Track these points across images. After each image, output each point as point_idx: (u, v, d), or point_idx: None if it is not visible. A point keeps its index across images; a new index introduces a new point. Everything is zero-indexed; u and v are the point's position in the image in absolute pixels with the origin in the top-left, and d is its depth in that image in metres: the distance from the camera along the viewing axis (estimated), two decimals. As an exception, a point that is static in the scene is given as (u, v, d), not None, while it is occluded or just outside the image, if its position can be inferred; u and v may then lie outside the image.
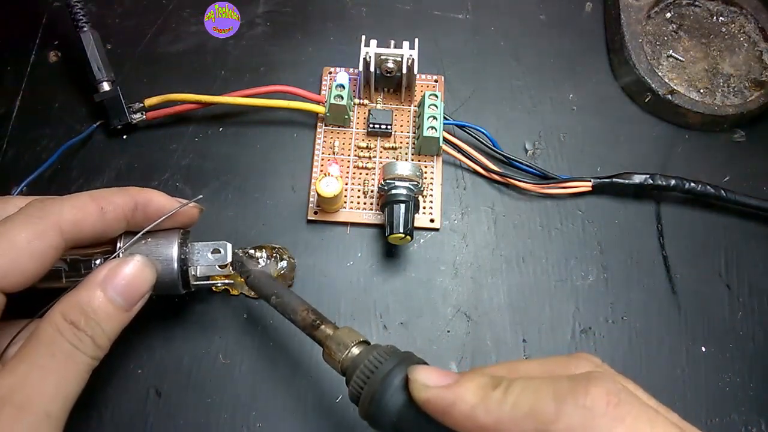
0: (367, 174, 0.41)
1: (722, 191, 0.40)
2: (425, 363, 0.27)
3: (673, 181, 0.40)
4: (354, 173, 0.41)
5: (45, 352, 0.26)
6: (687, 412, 0.37)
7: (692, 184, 0.40)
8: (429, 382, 0.24)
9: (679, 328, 0.39)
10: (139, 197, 0.31)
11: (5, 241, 0.27)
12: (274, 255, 0.38)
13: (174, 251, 0.32)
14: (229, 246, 0.34)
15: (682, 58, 0.45)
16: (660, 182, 0.40)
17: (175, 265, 0.32)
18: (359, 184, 0.41)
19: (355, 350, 0.28)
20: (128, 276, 0.29)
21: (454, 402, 0.23)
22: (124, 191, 0.31)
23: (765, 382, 0.37)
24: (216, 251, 0.33)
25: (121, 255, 0.30)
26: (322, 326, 0.30)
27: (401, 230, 0.36)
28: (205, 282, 0.34)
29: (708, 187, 0.40)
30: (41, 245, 0.27)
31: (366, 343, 0.29)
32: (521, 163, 0.42)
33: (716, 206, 0.41)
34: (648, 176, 0.41)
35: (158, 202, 0.31)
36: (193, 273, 0.33)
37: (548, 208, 0.41)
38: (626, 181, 0.41)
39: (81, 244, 0.29)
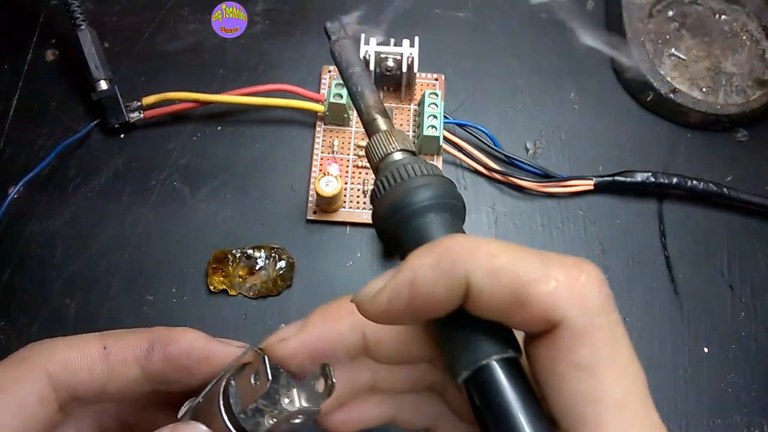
0: (366, 173, 0.41)
1: (725, 189, 0.40)
2: (462, 205, 0.22)
3: (675, 179, 0.40)
4: (353, 173, 0.41)
5: None
6: (689, 412, 0.36)
7: (694, 182, 0.40)
8: (376, 286, 0.19)
9: (681, 328, 0.38)
10: (155, 335, 0.23)
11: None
12: (273, 255, 0.38)
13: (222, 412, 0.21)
14: (266, 361, 0.21)
15: (684, 57, 0.45)
16: (662, 180, 0.40)
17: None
18: (359, 183, 0.41)
19: (398, 155, 0.23)
20: None
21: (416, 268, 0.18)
22: (139, 330, 0.23)
23: (767, 383, 0.37)
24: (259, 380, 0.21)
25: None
26: (380, 119, 0.25)
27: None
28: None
29: (710, 185, 0.40)
30: (19, 395, 0.21)
31: (413, 153, 0.24)
32: (522, 163, 0.41)
33: (719, 205, 0.41)
34: (650, 174, 0.40)
35: (186, 342, 0.23)
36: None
37: (549, 208, 0.41)
38: (628, 180, 0.40)
39: (89, 398, 0.23)
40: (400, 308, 0.18)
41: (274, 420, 0.21)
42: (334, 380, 0.21)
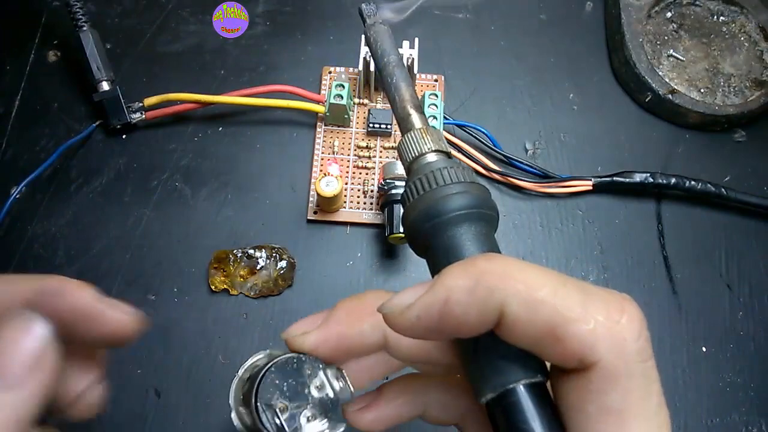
0: (367, 174, 0.41)
1: (722, 189, 0.40)
2: (496, 215, 0.21)
3: (673, 180, 0.40)
4: (354, 173, 0.41)
5: None
6: (687, 412, 0.37)
7: (692, 183, 0.40)
8: (407, 299, 0.18)
9: (679, 328, 0.38)
10: (45, 286, 0.20)
11: None
12: (274, 255, 0.38)
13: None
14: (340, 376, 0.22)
15: (682, 58, 0.45)
16: (660, 181, 0.40)
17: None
18: (359, 183, 0.41)
19: (432, 156, 0.22)
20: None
21: (448, 296, 0.18)
22: (31, 277, 0.20)
23: (766, 382, 0.37)
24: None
25: None
26: (415, 115, 0.24)
27: (401, 230, 0.36)
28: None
29: (708, 185, 0.40)
30: None
31: (447, 155, 0.23)
32: (521, 163, 0.41)
33: (717, 205, 0.41)
34: (648, 175, 0.41)
35: (76, 299, 0.20)
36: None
37: (548, 208, 0.41)
38: (627, 180, 0.41)
39: None
40: (429, 327, 0.18)
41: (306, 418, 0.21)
42: (351, 389, 0.21)
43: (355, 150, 0.42)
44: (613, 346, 0.17)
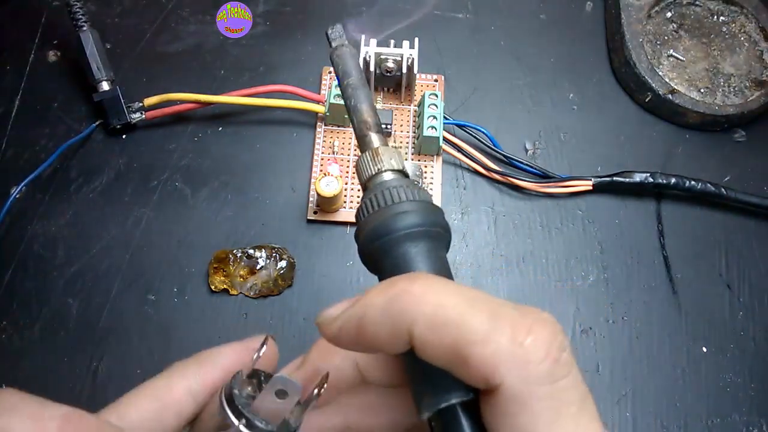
0: (366, 174, 0.41)
1: (722, 189, 0.40)
2: (447, 234, 0.21)
3: (673, 180, 0.40)
4: (354, 173, 0.41)
5: None
6: (687, 412, 0.37)
7: (692, 182, 0.40)
8: (334, 312, 0.19)
9: (679, 328, 0.38)
10: (205, 379, 0.23)
11: None
12: (274, 255, 0.38)
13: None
14: (296, 383, 0.21)
15: (682, 58, 0.45)
16: (660, 180, 0.40)
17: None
18: (359, 183, 0.41)
19: (387, 175, 0.23)
20: None
21: (364, 314, 0.18)
22: (173, 379, 0.23)
23: (765, 382, 0.37)
24: (281, 393, 0.21)
25: None
26: (372, 135, 0.24)
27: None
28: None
29: (708, 185, 0.40)
30: None
31: (403, 174, 0.23)
32: (521, 163, 0.41)
33: (717, 205, 0.41)
34: (648, 175, 0.41)
35: (226, 359, 0.23)
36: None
37: (548, 208, 0.41)
38: (627, 180, 0.41)
39: None
40: (350, 340, 0.19)
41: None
42: (321, 391, 0.21)
43: (355, 150, 0.42)
44: (514, 368, 0.16)
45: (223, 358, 0.24)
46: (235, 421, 0.21)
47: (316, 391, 0.21)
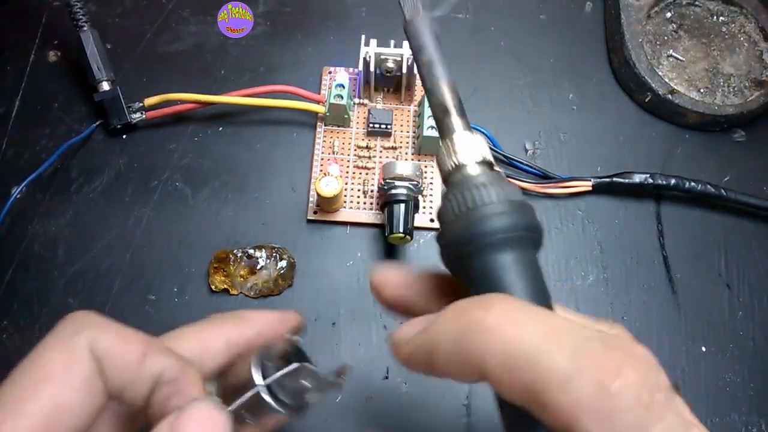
0: (366, 174, 0.41)
1: (722, 190, 0.40)
2: (539, 236, 0.20)
3: (673, 181, 0.40)
4: (354, 173, 0.41)
5: None
6: (687, 412, 0.37)
7: (692, 183, 0.40)
8: (407, 334, 0.18)
9: (679, 327, 0.38)
10: (244, 333, 0.24)
11: (40, 375, 0.20)
12: (274, 255, 0.38)
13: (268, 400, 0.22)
14: (322, 377, 0.23)
15: (682, 58, 0.45)
16: (660, 181, 0.40)
17: (268, 399, 0.22)
18: (359, 183, 0.41)
19: (474, 169, 0.21)
20: (197, 420, 0.20)
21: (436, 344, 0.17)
22: (215, 328, 0.24)
23: (765, 382, 0.37)
24: (307, 379, 0.23)
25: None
26: (454, 118, 0.22)
27: (401, 230, 0.36)
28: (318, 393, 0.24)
29: (708, 186, 0.40)
30: (79, 373, 0.20)
31: (489, 165, 0.21)
32: (521, 163, 0.41)
33: (716, 206, 0.41)
34: (648, 175, 0.41)
35: (260, 323, 0.25)
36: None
37: (548, 208, 0.41)
38: (626, 181, 0.41)
39: (112, 391, 0.21)
40: (421, 366, 0.18)
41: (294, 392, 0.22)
42: (343, 382, 0.22)
43: (355, 150, 0.42)
44: (599, 419, 0.15)
45: (259, 321, 0.25)
46: (260, 380, 0.22)
47: (340, 381, 0.22)
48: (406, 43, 0.41)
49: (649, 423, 0.15)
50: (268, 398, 0.22)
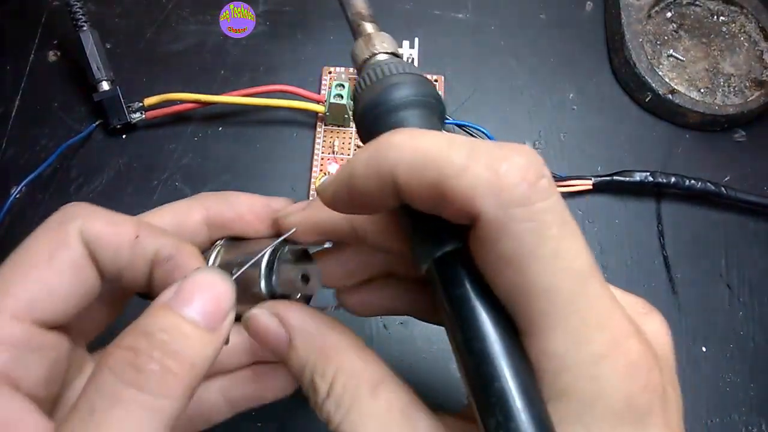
0: (366, 173, 0.41)
1: (722, 188, 0.40)
2: (439, 104, 0.22)
3: (673, 179, 0.40)
4: (354, 173, 0.41)
5: (85, 409, 0.17)
6: (687, 412, 0.36)
7: (692, 182, 0.40)
8: (329, 178, 0.20)
9: (679, 327, 0.38)
10: (224, 211, 0.25)
11: (26, 261, 0.21)
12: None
13: (262, 271, 0.24)
14: (319, 273, 0.24)
15: (682, 58, 0.45)
16: (660, 180, 0.40)
17: (263, 285, 0.24)
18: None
19: (382, 56, 0.23)
20: (203, 290, 0.20)
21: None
22: (194, 204, 0.25)
23: (765, 382, 0.37)
24: (305, 278, 0.24)
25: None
26: (366, 24, 0.25)
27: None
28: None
29: (708, 184, 0.40)
30: (67, 258, 0.21)
31: (396, 56, 0.24)
32: (521, 163, 0.41)
33: (717, 205, 0.41)
34: (648, 174, 0.41)
35: (243, 205, 0.25)
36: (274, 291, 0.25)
37: (548, 208, 0.41)
38: (627, 179, 0.41)
39: (107, 276, 0.22)
40: (344, 201, 0.19)
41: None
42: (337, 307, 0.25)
43: (355, 150, 0.42)
44: (490, 195, 0.16)
45: (243, 202, 0.26)
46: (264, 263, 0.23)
47: (332, 307, 0.25)
48: (406, 43, 0.41)
49: (535, 198, 0.16)
50: (263, 283, 0.23)
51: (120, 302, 0.26)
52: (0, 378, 0.19)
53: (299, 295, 0.24)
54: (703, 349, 0.38)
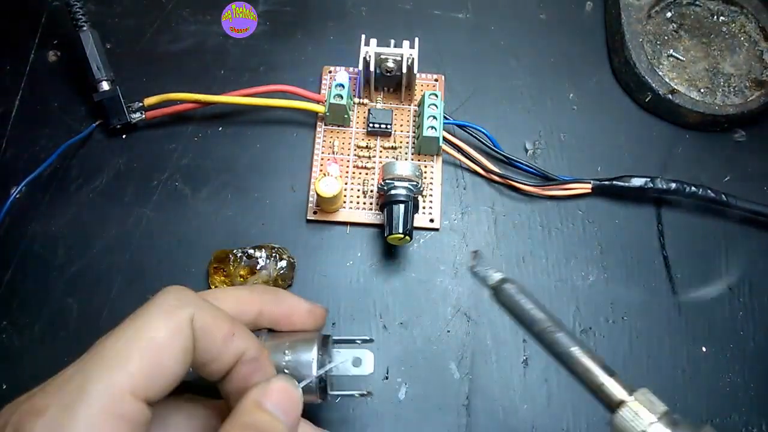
0: (366, 174, 0.41)
1: (723, 196, 0.40)
2: None
3: (673, 185, 0.40)
4: (353, 173, 0.41)
5: None
6: (687, 412, 0.37)
7: (693, 189, 0.40)
8: None
9: (679, 328, 0.38)
10: (277, 308, 0.30)
11: (145, 337, 0.23)
12: (274, 255, 0.38)
13: (314, 366, 0.28)
14: (371, 355, 0.30)
15: (682, 58, 0.45)
16: (660, 186, 0.40)
17: (314, 383, 0.28)
18: (359, 183, 0.41)
19: (659, 429, 0.22)
20: (281, 392, 0.25)
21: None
22: (253, 297, 0.29)
23: (765, 382, 0.37)
24: (356, 362, 0.29)
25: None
26: (613, 386, 0.23)
27: (400, 230, 0.36)
28: (343, 393, 0.31)
29: (709, 191, 0.40)
30: (181, 343, 0.23)
31: (667, 415, 0.22)
32: (521, 163, 0.41)
33: (717, 209, 0.41)
34: (648, 180, 0.40)
35: (292, 306, 0.30)
36: (330, 384, 0.30)
37: (548, 208, 0.41)
38: (626, 185, 0.41)
39: (199, 362, 0.25)
40: None
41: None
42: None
43: (355, 150, 0.42)
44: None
45: (292, 304, 0.30)
46: (316, 369, 0.28)
47: (358, 394, 0.30)
48: (406, 43, 0.41)
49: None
50: (314, 384, 0.28)
51: None
52: None
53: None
54: (703, 349, 0.38)
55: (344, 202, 0.40)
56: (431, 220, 0.40)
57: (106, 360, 0.22)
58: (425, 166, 0.41)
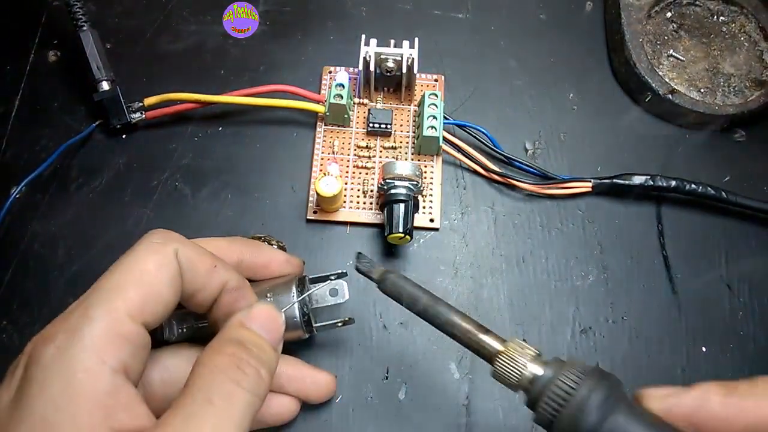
0: (366, 173, 0.41)
1: (723, 193, 0.40)
2: (618, 380, 0.24)
3: (673, 183, 0.40)
4: (354, 173, 0.41)
5: (201, 398, 0.23)
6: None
7: (693, 186, 0.40)
8: (662, 392, 0.24)
9: (679, 328, 0.38)
10: (256, 258, 0.33)
11: (136, 270, 0.26)
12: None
13: (294, 302, 0.32)
14: (345, 284, 0.33)
15: (682, 58, 0.45)
16: (660, 183, 0.40)
17: (297, 314, 0.32)
18: (359, 183, 0.41)
19: (535, 369, 0.25)
20: (264, 314, 0.27)
21: (701, 405, 0.24)
22: (232, 246, 0.32)
23: (765, 382, 0.37)
24: (333, 292, 0.33)
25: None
26: (488, 340, 0.26)
27: (400, 230, 0.36)
28: (326, 324, 0.34)
29: (709, 188, 0.40)
30: (169, 273, 0.26)
31: (539, 357, 0.25)
32: (521, 163, 0.41)
33: (717, 206, 0.41)
34: (648, 177, 0.40)
35: (270, 257, 0.34)
36: (314, 317, 0.33)
37: (548, 208, 0.41)
38: (626, 183, 0.41)
39: (187, 292, 0.28)
40: None
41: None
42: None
43: (355, 150, 0.42)
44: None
45: (270, 255, 0.34)
46: (297, 296, 0.32)
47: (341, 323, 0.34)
48: (406, 43, 0.41)
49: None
50: (297, 312, 0.32)
51: None
52: (121, 369, 0.23)
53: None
54: (703, 349, 0.38)
55: (344, 201, 0.40)
56: (431, 220, 0.40)
57: (104, 291, 0.25)
58: (425, 166, 0.41)
